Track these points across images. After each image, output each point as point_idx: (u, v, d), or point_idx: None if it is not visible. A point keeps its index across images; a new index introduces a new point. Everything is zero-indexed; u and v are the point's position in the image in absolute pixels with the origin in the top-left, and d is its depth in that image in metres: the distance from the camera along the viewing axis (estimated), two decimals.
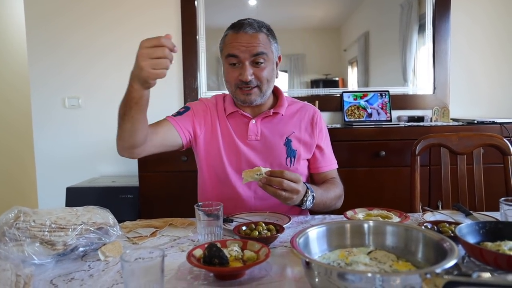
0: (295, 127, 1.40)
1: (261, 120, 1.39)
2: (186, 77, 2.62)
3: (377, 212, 1.15)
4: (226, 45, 1.33)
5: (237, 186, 1.36)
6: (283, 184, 1.08)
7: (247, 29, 1.30)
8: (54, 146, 2.67)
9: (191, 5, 2.59)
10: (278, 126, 1.40)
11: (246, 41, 1.29)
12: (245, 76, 1.28)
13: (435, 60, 2.61)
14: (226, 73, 1.35)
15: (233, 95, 1.37)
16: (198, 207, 1.01)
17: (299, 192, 1.12)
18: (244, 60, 1.29)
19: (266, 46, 1.32)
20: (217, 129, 1.39)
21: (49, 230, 0.91)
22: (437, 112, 2.50)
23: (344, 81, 2.70)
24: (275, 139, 1.38)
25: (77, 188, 2.29)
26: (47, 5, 2.61)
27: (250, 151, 1.37)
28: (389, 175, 2.16)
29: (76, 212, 1.00)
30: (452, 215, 1.17)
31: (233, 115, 1.40)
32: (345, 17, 2.68)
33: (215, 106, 1.44)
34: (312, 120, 1.43)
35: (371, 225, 0.86)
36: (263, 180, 1.09)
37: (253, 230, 1.00)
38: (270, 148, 1.37)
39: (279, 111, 1.40)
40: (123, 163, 2.62)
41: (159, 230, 1.13)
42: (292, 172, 1.11)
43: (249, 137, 1.37)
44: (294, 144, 1.38)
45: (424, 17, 2.62)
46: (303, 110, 1.45)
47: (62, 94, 2.65)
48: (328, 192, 1.32)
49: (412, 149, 1.62)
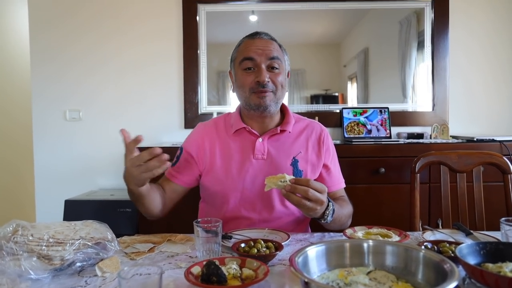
0: (302, 147, 1.38)
1: (268, 139, 1.36)
2: (186, 91, 2.63)
3: (376, 230, 1.14)
4: (241, 51, 1.34)
5: (239, 206, 1.34)
6: (308, 193, 1.04)
7: (262, 35, 1.34)
8: (53, 159, 2.66)
9: (193, 19, 2.62)
10: (285, 145, 1.37)
11: (263, 45, 1.31)
12: (262, 77, 1.28)
13: (434, 77, 2.63)
14: (241, 78, 1.33)
15: (247, 101, 1.33)
16: (197, 223, 1.00)
17: (323, 203, 1.09)
18: (261, 63, 1.29)
19: (280, 54, 1.34)
20: (215, 154, 1.36)
21: (46, 244, 0.90)
22: (436, 129, 2.51)
23: (344, 96, 2.71)
24: (282, 158, 1.35)
25: (75, 201, 2.28)
26: (50, 16, 2.64)
27: (256, 170, 1.33)
28: (388, 192, 2.15)
29: (74, 226, 0.99)
30: (452, 234, 1.16)
31: (240, 132, 1.38)
32: (345, 33, 2.70)
33: (215, 129, 1.41)
34: (319, 138, 1.41)
35: (370, 245, 0.86)
36: (287, 187, 1.05)
37: (252, 248, 0.99)
38: (276, 168, 1.33)
39: (286, 128, 1.37)
40: (121, 177, 2.61)
41: (157, 245, 1.12)
42: (317, 182, 1.09)
43: (256, 156, 1.34)
44: (301, 165, 1.36)
45: (423, 34, 2.65)
46: (310, 128, 1.43)
47: (63, 107, 2.66)
48: (343, 209, 1.29)
49: (411, 167, 1.62)
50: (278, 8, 2.64)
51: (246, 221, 1.33)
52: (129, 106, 2.65)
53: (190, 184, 1.40)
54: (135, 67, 2.66)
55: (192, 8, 2.61)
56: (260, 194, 1.32)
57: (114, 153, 2.64)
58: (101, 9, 2.65)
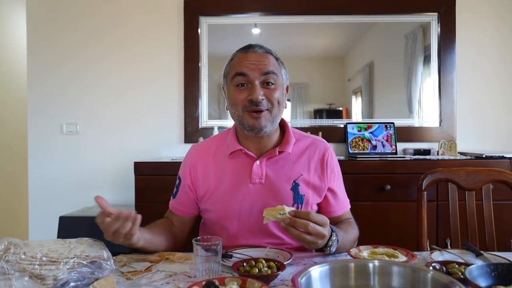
0: (303, 169, 1.31)
1: (266, 161, 1.30)
2: (187, 105, 2.64)
3: (382, 250, 1.13)
4: (233, 65, 1.27)
5: (237, 234, 1.30)
6: (308, 227, 1.02)
7: (256, 49, 1.27)
8: (49, 173, 2.66)
9: (194, 32, 2.64)
10: (284, 167, 1.30)
11: (256, 60, 1.24)
12: (255, 95, 1.21)
13: (441, 92, 2.64)
14: (233, 95, 1.26)
15: (240, 121, 1.27)
16: (196, 242, 0.99)
17: (324, 236, 1.06)
18: (254, 79, 1.23)
19: (276, 68, 1.27)
20: (210, 178, 1.32)
21: (39, 263, 0.89)
22: (444, 145, 2.51)
23: (348, 111, 2.72)
24: (281, 183, 1.29)
25: (70, 218, 2.27)
26: (49, 30, 2.67)
27: (253, 195, 1.28)
28: (394, 210, 2.14)
29: (68, 244, 0.98)
30: (461, 254, 1.15)
31: (236, 155, 1.32)
32: (349, 46, 2.72)
33: (208, 151, 1.37)
34: (322, 159, 1.34)
35: (376, 265, 0.85)
36: (286, 220, 1.03)
37: (253, 267, 0.98)
38: (275, 193, 1.28)
39: (286, 149, 1.30)
40: (119, 192, 2.61)
41: (155, 264, 1.11)
42: (319, 214, 1.07)
43: (253, 180, 1.28)
44: (302, 189, 1.29)
45: (429, 48, 2.66)
46: (313, 147, 1.35)
47: (60, 120, 2.67)
48: (348, 234, 1.25)
49: (418, 184, 1.61)
50: (281, 21, 2.67)
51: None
52: (127, 120, 2.66)
53: (195, 213, 1.40)
54: (135, 81, 2.67)
55: (194, 21, 2.64)
56: (258, 222, 1.25)
57: (111, 168, 2.64)
58: (100, 23, 2.68)
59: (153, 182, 2.14)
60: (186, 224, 1.39)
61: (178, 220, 1.38)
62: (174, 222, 1.37)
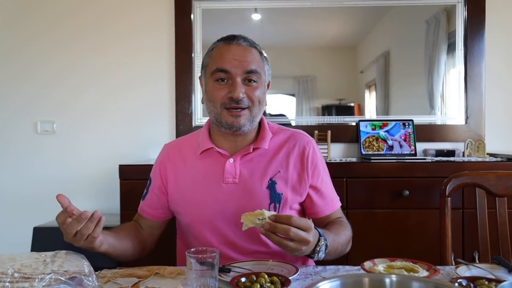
0: (281, 165, 1.36)
1: (240, 159, 1.35)
2: (179, 100, 2.65)
3: (400, 264, 1.13)
4: (214, 58, 1.32)
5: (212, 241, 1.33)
6: (289, 233, 1.05)
7: (240, 41, 1.32)
8: (20, 178, 2.67)
9: (186, 18, 2.64)
10: (260, 165, 1.35)
11: (240, 55, 1.29)
12: (236, 93, 1.26)
13: (467, 85, 2.63)
14: (211, 90, 1.31)
15: (217, 118, 1.32)
16: (190, 254, 0.99)
17: (309, 242, 1.09)
18: (236, 76, 1.28)
19: (260, 65, 1.33)
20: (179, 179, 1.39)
21: (11, 280, 0.89)
22: (470, 145, 2.50)
23: (360, 107, 2.72)
24: (256, 181, 1.33)
25: (46, 228, 2.26)
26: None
27: (226, 196, 1.32)
28: (414, 219, 2.13)
29: (44, 258, 0.98)
30: (491, 270, 1.15)
31: (208, 154, 1.38)
32: (362, 34, 2.73)
33: (178, 150, 1.43)
34: (302, 154, 1.38)
35: (394, 280, 0.85)
36: (266, 226, 1.06)
37: (254, 283, 0.98)
38: (249, 193, 1.32)
39: (261, 145, 1.36)
40: (102, 199, 2.61)
41: (143, 280, 1.11)
42: (302, 218, 1.09)
43: (226, 180, 1.33)
44: (280, 187, 1.33)
45: (454, 35, 2.66)
46: (292, 141, 1.40)
47: (33, 118, 2.68)
48: (339, 236, 1.29)
49: (441, 189, 1.61)
50: (284, 5, 2.66)
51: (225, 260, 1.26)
52: (112, 117, 2.67)
53: (166, 217, 1.45)
54: (118, 73, 2.68)
55: (186, 5, 2.64)
56: (234, 227, 1.30)
57: (93, 172, 2.64)
58: (76, 4, 2.67)
59: (140, 187, 2.10)
60: (155, 229, 1.45)
61: (146, 225, 1.43)
62: (142, 225, 1.43)
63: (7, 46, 2.68)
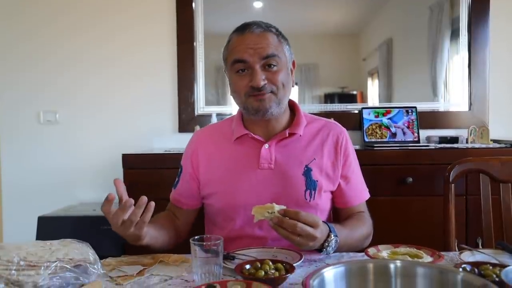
0: (316, 153, 1.37)
1: (275, 144, 1.36)
2: (181, 90, 2.64)
3: (404, 250, 1.13)
4: (231, 50, 1.33)
5: (244, 224, 1.33)
6: (296, 228, 1.06)
7: (253, 29, 1.31)
8: (25, 168, 2.68)
9: (188, 6, 2.63)
10: (295, 151, 1.36)
11: (254, 42, 1.29)
12: (256, 81, 1.26)
13: (471, 72, 2.62)
14: (234, 82, 1.33)
15: (244, 106, 1.33)
16: (194, 241, 0.99)
17: (315, 238, 1.09)
18: (254, 64, 1.28)
19: (277, 47, 1.31)
20: (212, 165, 1.39)
21: (16, 268, 0.89)
22: (474, 132, 2.50)
23: (363, 95, 2.71)
24: (292, 167, 1.34)
25: (50, 218, 2.28)
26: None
27: (262, 181, 1.33)
28: (417, 206, 2.14)
29: (50, 246, 0.99)
30: (495, 255, 1.14)
31: (243, 140, 1.38)
32: (365, 21, 2.71)
33: (211, 136, 1.45)
34: (336, 143, 1.39)
35: (398, 266, 0.85)
36: (274, 220, 1.08)
37: (258, 270, 0.98)
38: (285, 179, 1.33)
39: (296, 131, 1.36)
40: (106, 188, 2.57)
41: (148, 268, 1.12)
42: (310, 214, 1.10)
43: (261, 165, 1.34)
44: (315, 174, 1.34)
45: (458, 22, 2.64)
46: (326, 130, 1.41)
47: (36, 108, 2.68)
48: (354, 232, 1.29)
49: (445, 176, 1.61)
50: None
51: (255, 240, 1.32)
52: (114, 107, 2.66)
53: (198, 205, 1.46)
54: (121, 62, 2.67)
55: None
56: None
57: (96, 162, 2.65)
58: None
59: (144, 177, 2.14)
60: (189, 217, 1.46)
61: (181, 214, 1.44)
62: (177, 214, 1.44)
63: (10, 36, 2.67)
